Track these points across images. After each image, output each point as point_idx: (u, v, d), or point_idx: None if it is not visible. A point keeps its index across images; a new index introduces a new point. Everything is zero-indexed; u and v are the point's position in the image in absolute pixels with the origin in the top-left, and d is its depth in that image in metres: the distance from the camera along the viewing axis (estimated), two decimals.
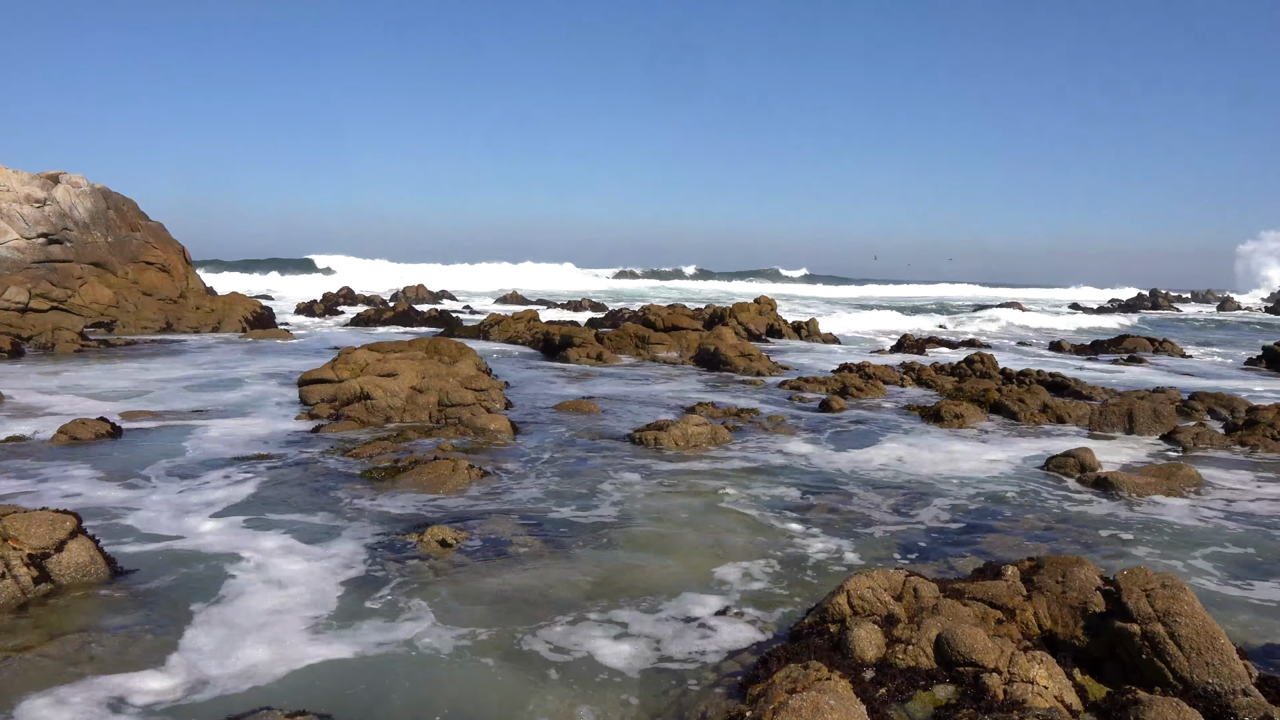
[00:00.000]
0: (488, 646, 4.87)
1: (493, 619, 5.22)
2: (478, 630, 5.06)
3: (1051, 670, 4.08)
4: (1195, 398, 13.61)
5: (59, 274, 21.13)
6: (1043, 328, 35.59)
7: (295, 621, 5.11)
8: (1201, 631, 4.15)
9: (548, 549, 6.51)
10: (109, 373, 15.08)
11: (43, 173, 23.17)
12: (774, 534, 7.04)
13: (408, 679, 4.49)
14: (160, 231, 25.34)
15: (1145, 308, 59.58)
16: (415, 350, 13.13)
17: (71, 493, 7.47)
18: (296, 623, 5.09)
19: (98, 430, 9.54)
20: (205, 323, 23.82)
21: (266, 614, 5.19)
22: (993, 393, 13.60)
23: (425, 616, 5.23)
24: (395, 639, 4.92)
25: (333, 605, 5.35)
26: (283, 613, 5.22)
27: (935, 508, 7.92)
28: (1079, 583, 4.76)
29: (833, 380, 15.08)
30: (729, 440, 10.47)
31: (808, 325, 26.90)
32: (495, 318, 24.89)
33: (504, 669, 4.63)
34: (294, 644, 4.83)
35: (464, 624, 5.13)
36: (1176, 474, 8.77)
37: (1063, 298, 78.02)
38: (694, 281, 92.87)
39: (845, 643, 4.40)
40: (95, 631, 4.82)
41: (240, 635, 4.90)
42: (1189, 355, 24.54)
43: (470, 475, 8.27)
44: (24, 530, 5.36)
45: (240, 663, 4.59)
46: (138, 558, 6.00)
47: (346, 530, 6.77)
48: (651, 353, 20.28)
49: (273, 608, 5.29)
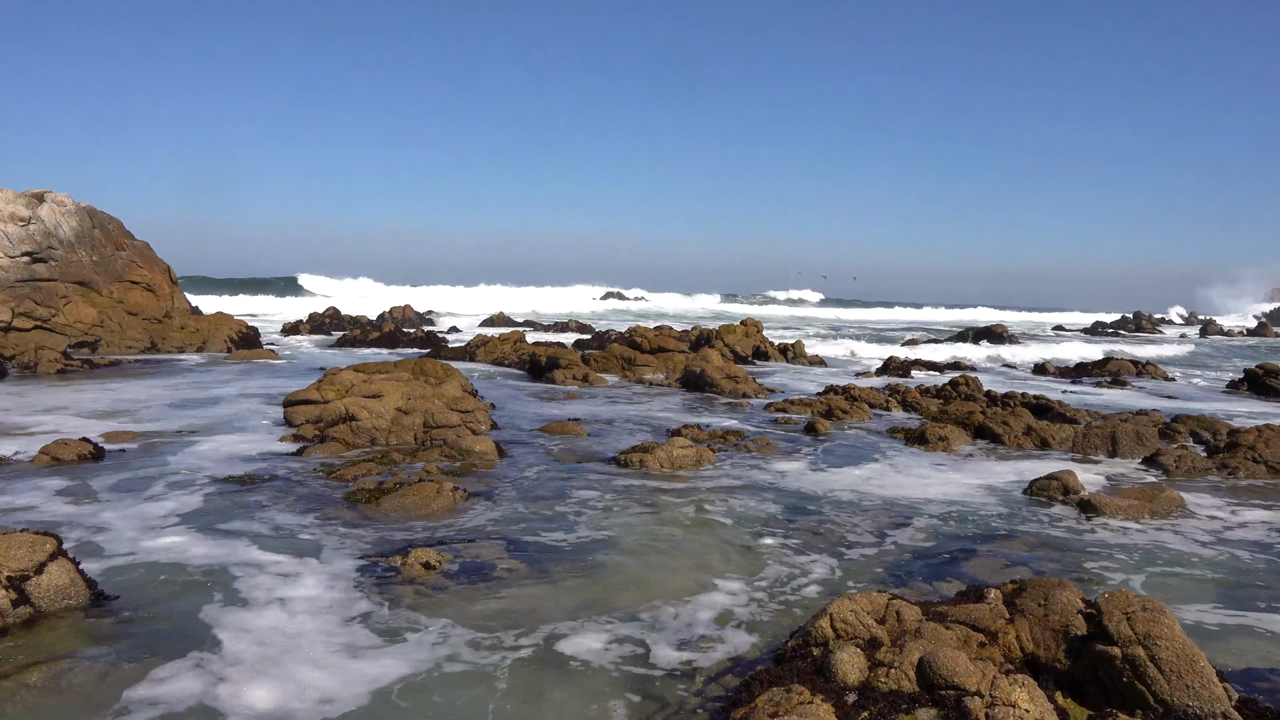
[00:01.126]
0: (465, 671, 4.85)
1: (473, 642, 5.20)
2: (457, 654, 5.04)
3: (1033, 693, 4.09)
4: (1178, 420, 13.71)
5: (43, 293, 21.03)
6: (1026, 361, 35.83)
7: (277, 646, 5.08)
8: (1182, 654, 4.18)
9: (531, 571, 6.50)
10: (92, 393, 14.98)
11: (28, 191, 23.10)
12: (758, 557, 7.05)
13: (382, 704, 4.47)
14: (145, 251, 25.27)
15: (1129, 330, 60.03)
16: (401, 371, 13.10)
17: (52, 514, 7.41)
18: (278, 648, 5.06)
19: (80, 451, 9.48)
20: (190, 343, 23.71)
21: (247, 640, 5.16)
22: (977, 415, 13.67)
23: (405, 641, 5.20)
24: (374, 664, 4.90)
25: (313, 629, 5.32)
26: (264, 639, 5.19)
27: (919, 530, 7.94)
28: (1061, 606, 4.78)
29: (818, 402, 15.12)
30: (714, 462, 10.48)
31: (794, 347, 26.99)
32: (481, 339, 24.87)
33: (480, 693, 4.61)
34: (275, 670, 4.79)
35: (442, 648, 5.11)
36: (1159, 497, 8.83)
37: (1047, 320, 78.56)
38: (681, 299, 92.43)
39: (828, 666, 4.40)
40: (75, 659, 4.77)
41: (219, 661, 4.86)
42: (1172, 378, 24.73)
43: (455, 497, 8.25)
44: (3, 552, 5.31)
45: (219, 689, 4.56)
46: (119, 581, 5.96)
47: (331, 553, 6.74)
48: (638, 374, 20.30)
49: (254, 634, 5.25)
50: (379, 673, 4.78)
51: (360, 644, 5.12)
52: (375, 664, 4.88)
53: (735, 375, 18.49)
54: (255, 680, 4.64)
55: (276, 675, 4.71)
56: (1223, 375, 26.11)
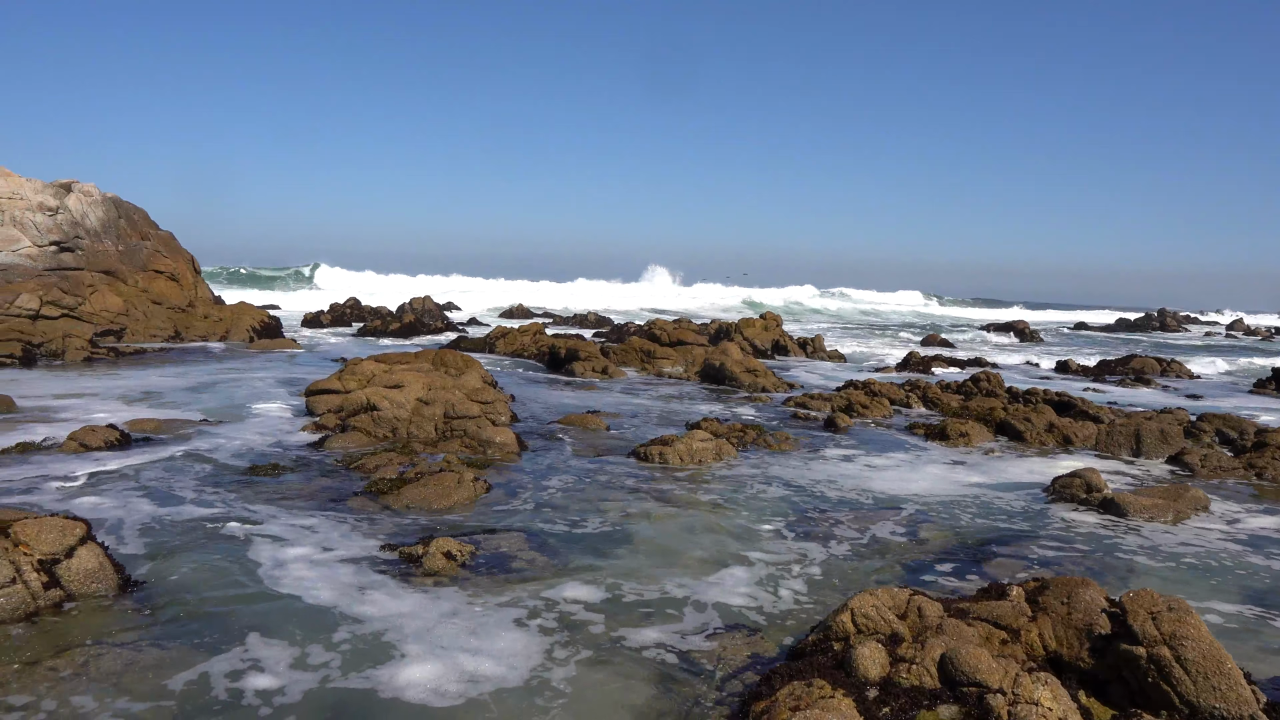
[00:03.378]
0: (483, 663, 4.87)
1: (493, 634, 5.23)
2: (476, 646, 5.06)
3: (1056, 692, 4.07)
4: (1203, 419, 13.57)
5: (70, 281, 21.23)
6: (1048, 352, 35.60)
7: (295, 631, 5.12)
8: (1208, 655, 4.15)
9: (551, 563, 6.52)
10: (118, 380, 15.14)
11: (55, 181, 23.33)
12: (777, 551, 7.04)
13: (403, 691, 4.50)
14: (170, 241, 25.48)
15: (1154, 328, 59.45)
16: (421, 362, 13.16)
17: (80, 500, 7.50)
18: (296, 633, 5.11)
19: (107, 438, 9.58)
20: (213, 332, 23.90)
21: (266, 627, 5.21)
22: (999, 412, 13.59)
23: (425, 630, 5.23)
24: (389, 655, 4.93)
25: (335, 617, 5.37)
26: (284, 628, 5.24)
27: (940, 526, 7.91)
28: (1084, 604, 4.76)
29: (838, 397, 15.08)
30: (733, 456, 10.47)
31: (813, 342, 26.91)
32: (501, 330, 24.94)
33: (494, 687, 4.63)
34: (291, 654, 4.84)
35: (462, 639, 5.14)
36: (1184, 496, 8.75)
37: (1070, 318, 77.90)
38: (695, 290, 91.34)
39: (849, 661, 4.40)
40: (104, 645, 4.82)
41: (244, 649, 4.92)
42: (1197, 376, 24.48)
43: (475, 488, 8.29)
44: (34, 536, 5.39)
45: (245, 676, 4.61)
46: (144, 567, 6.03)
47: (353, 542, 6.79)
48: (657, 367, 20.30)
49: (271, 619, 5.30)
50: (400, 659, 4.81)
51: (383, 629, 5.16)
52: (397, 649, 4.91)
53: (755, 369, 18.46)
54: (281, 667, 4.69)
55: (302, 664, 4.75)
56: (1251, 372, 25.80)
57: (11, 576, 5.09)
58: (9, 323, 18.99)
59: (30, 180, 22.58)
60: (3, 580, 5.03)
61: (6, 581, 5.04)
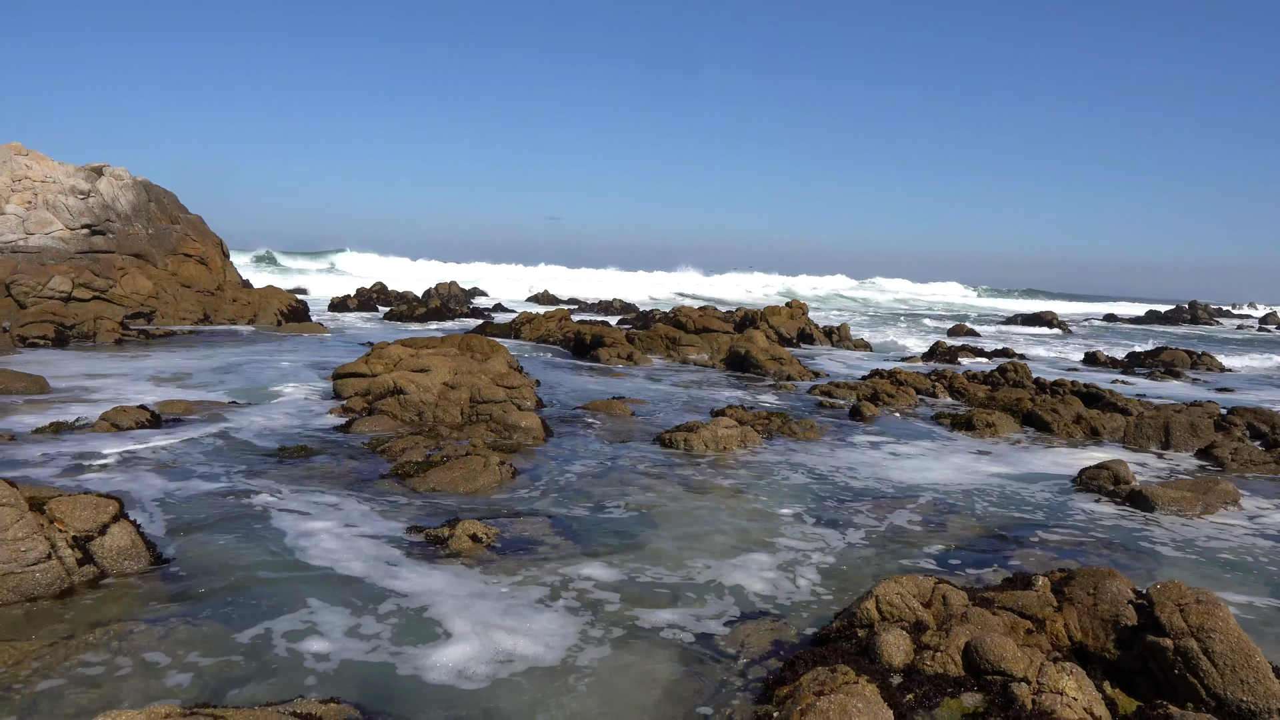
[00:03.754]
0: (509, 644, 4.91)
1: (519, 615, 5.27)
2: (501, 626, 5.11)
3: (1081, 682, 4.06)
4: (1234, 413, 13.40)
5: (101, 264, 21.50)
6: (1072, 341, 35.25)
7: (324, 613, 5.19)
8: (1237, 648, 4.11)
9: (575, 547, 6.56)
10: (148, 362, 15.34)
11: (87, 165, 23.61)
12: (801, 538, 7.04)
13: (433, 670, 4.55)
14: (199, 224, 25.72)
15: (1184, 320, 58.67)
16: (448, 347, 13.23)
17: (112, 479, 7.62)
18: (326, 614, 5.17)
19: (137, 418, 9.72)
20: (241, 315, 24.13)
21: (296, 604, 5.28)
22: (1026, 402, 13.49)
23: (452, 611, 5.28)
24: (421, 633, 4.99)
25: (362, 597, 5.43)
26: (313, 605, 5.31)
27: (965, 516, 7.88)
28: (1111, 595, 4.73)
29: (864, 386, 15.02)
30: (758, 443, 10.47)
31: (839, 330, 26.79)
32: (527, 316, 25.01)
33: (525, 667, 4.67)
34: (325, 633, 4.91)
35: (487, 619, 5.18)
36: (1213, 490, 8.65)
37: (1102, 309, 77.05)
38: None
39: (873, 647, 4.40)
40: (137, 621, 4.90)
41: (273, 624, 4.99)
42: (1229, 369, 24.16)
43: (501, 472, 8.34)
44: (69, 513, 5.48)
45: (273, 652, 4.68)
46: (174, 545, 6.12)
47: (380, 524, 6.86)
48: (682, 354, 20.29)
49: (301, 599, 5.37)
50: (427, 640, 4.86)
51: (410, 611, 5.21)
52: (424, 630, 4.97)
53: (780, 357, 18.41)
54: (312, 645, 4.75)
55: (321, 637, 4.82)
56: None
57: (47, 552, 5.19)
58: (42, 305, 19.27)
59: (62, 164, 22.87)
60: (38, 556, 5.13)
61: (42, 557, 5.14)
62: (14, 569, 4.99)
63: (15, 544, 5.07)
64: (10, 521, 5.12)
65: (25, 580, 5.01)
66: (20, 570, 5.01)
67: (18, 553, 5.05)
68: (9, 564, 4.99)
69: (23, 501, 5.30)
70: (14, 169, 21.78)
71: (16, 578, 4.99)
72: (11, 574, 4.98)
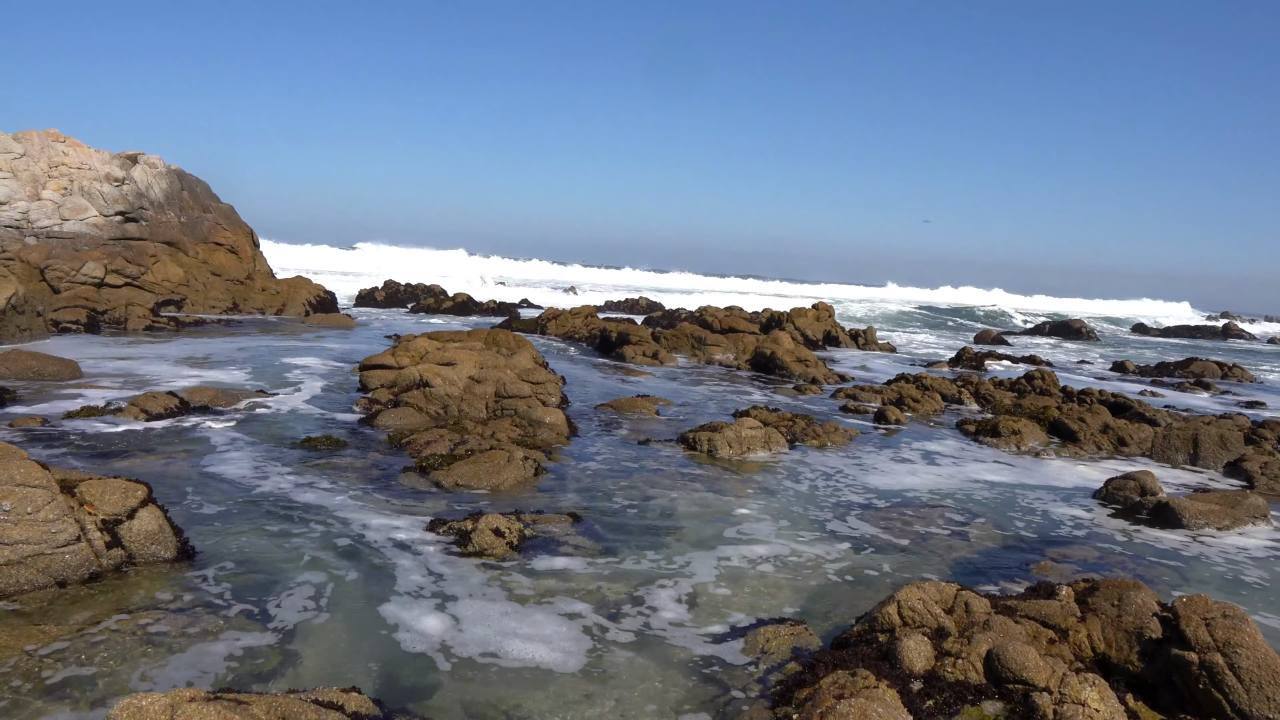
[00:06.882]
0: (528, 643, 4.94)
1: (538, 613, 5.29)
2: (522, 622, 5.13)
3: (1104, 693, 4.02)
4: (1265, 425, 13.21)
5: (134, 251, 21.77)
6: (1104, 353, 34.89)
7: (346, 605, 5.23)
8: (1263, 665, 4.06)
9: (596, 545, 6.57)
10: (178, 349, 15.51)
11: (122, 152, 23.90)
12: (822, 542, 7.03)
13: (448, 661, 4.58)
14: (230, 214, 25.98)
15: (1216, 333, 57.83)
16: (474, 341, 13.29)
17: (140, 465, 7.72)
18: (347, 606, 5.22)
19: (167, 405, 9.83)
20: (270, 305, 24.36)
21: (318, 594, 5.33)
22: (1052, 410, 13.37)
23: (472, 605, 5.31)
24: (441, 628, 5.02)
25: (383, 589, 5.47)
26: (335, 596, 5.35)
27: (989, 524, 7.83)
28: (1135, 607, 4.69)
29: (889, 390, 14.94)
30: (782, 445, 10.44)
31: (865, 333, 26.67)
32: (553, 312, 25.07)
33: (544, 667, 4.69)
34: (347, 625, 4.95)
35: (508, 616, 5.21)
36: (1242, 503, 8.54)
37: (1131, 312, 76.21)
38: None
39: (894, 653, 4.38)
40: (162, 609, 4.96)
41: (293, 613, 5.04)
42: (1261, 382, 23.83)
43: (525, 468, 8.37)
44: (99, 496, 5.56)
45: (294, 641, 4.72)
46: (201, 531, 6.19)
47: (404, 517, 6.90)
48: (707, 354, 20.27)
49: (324, 589, 5.42)
50: (447, 635, 4.90)
51: (431, 605, 5.25)
52: (444, 625, 5.00)
53: (805, 359, 18.35)
54: (330, 636, 4.80)
55: (337, 629, 4.86)
56: None
57: (76, 534, 5.26)
58: (75, 290, 19.54)
59: (98, 151, 23.17)
60: (68, 538, 5.21)
61: (71, 539, 5.22)
62: (44, 550, 5.07)
63: (46, 525, 5.15)
64: (43, 503, 5.20)
65: (55, 562, 5.08)
66: (50, 551, 5.09)
67: (49, 534, 5.13)
68: (40, 544, 5.07)
69: (54, 484, 5.39)
70: (51, 155, 22.09)
71: (46, 559, 5.06)
72: (41, 555, 5.05)
